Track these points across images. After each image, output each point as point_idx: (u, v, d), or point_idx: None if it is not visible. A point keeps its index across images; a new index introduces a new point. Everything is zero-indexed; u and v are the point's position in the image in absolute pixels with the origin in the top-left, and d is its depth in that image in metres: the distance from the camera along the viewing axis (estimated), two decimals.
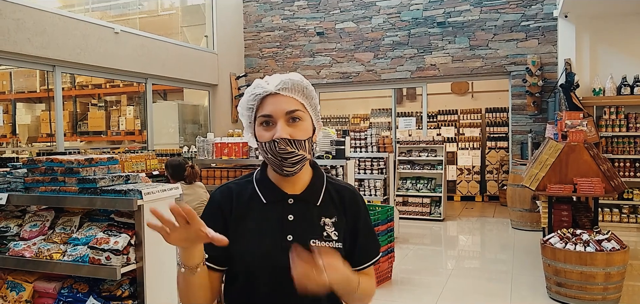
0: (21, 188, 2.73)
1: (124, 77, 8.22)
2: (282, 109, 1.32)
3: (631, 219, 7.61)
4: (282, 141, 1.31)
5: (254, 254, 1.36)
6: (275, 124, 1.32)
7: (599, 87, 7.78)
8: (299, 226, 1.39)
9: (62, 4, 8.48)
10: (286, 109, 1.32)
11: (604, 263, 4.21)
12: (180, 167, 4.95)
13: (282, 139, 1.30)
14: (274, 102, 1.33)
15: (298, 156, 1.33)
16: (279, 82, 1.34)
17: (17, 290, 2.71)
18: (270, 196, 1.41)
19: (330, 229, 1.41)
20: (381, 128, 12.36)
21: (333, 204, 1.46)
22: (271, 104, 1.33)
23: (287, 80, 1.35)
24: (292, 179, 1.41)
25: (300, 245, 1.28)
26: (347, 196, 1.48)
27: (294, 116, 1.33)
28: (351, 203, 1.48)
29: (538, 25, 8.66)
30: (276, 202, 1.41)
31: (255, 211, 1.41)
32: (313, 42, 10.30)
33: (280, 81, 1.34)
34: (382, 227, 5.23)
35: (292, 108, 1.33)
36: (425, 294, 5.09)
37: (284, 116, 1.32)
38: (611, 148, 7.69)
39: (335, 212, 1.45)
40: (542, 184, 5.09)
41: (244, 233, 1.39)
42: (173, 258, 2.76)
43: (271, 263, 1.35)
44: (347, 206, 1.47)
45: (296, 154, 1.33)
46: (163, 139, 9.10)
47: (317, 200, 1.44)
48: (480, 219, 9.12)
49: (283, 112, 1.32)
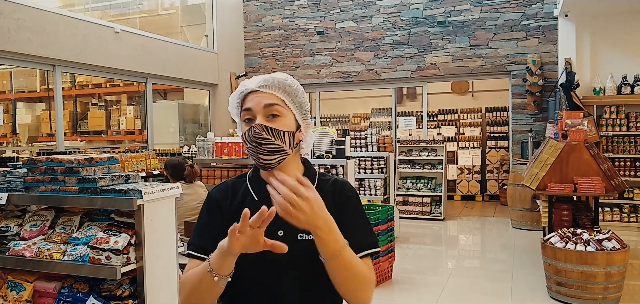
0: (21, 188, 2.73)
1: (124, 77, 8.22)
2: (261, 103, 1.37)
3: (632, 218, 7.61)
4: (258, 126, 1.35)
5: None
6: (255, 118, 1.37)
7: (599, 86, 7.77)
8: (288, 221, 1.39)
9: (63, 3, 8.48)
10: (264, 102, 1.37)
11: (605, 263, 4.21)
12: (179, 167, 4.94)
13: (258, 124, 1.35)
14: (254, 98, 1.39)
15: (275, 145, 1.36)
16: (260, 81, 1.40)
17: (17, 290, 2.71)
18: (261, 192, 1.42)
19: None
20: (381, 128, 12.36)
21: (325, 200, 1.46)
22: (251, 100, 1.39)
23: (268, 78, 1.40)
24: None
25: (291, 240, 1.30)
26: (336, 189, 1.48)
27: (273, 111, 1.38)
28: (339, 194, 1.47)
29: (538, 24, 8.66)
30: (267, 199, 1.38)
31: (247, 207, 1.40)
32: (313, 42, 10.30)
33: (261, 78, 1.40)
34: (382, 226, 5.23)
35: (270, 102, 1.38)
36: (426, 293, 5.09)
37: (262, 109, 1.37)
38: (611, 147, 7.69)
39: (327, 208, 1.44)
40: (542, 184, 5.09)
41: None
42: (173, 258, 2.76)
43: (260, 258, 1.33)
44: (336, 197, 1.47)
45: (272, 143, 1.36)
46: (163, 138, 9.10)
47: None
48: (481, 219, 9.12)
49: (261, 106, 1.37)
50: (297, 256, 1.37)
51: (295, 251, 1.35)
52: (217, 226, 1.42)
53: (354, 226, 1.45)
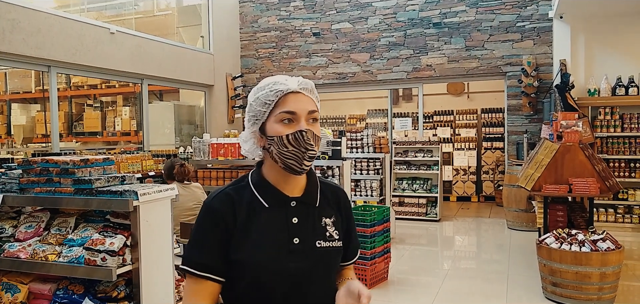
0: (16, 189, 2.71)
1: (120, 78, 8.19)
2: (305, 108, 1.34)
3: (626, 219, 7.64)
4: (310, 132, 1.32)
5: (261, 260, 1.33)
6: (298, 122, 1.33)
7: (594, 87, 7.81)
8: (304, 228, 1.39)
9: (58, 4, 8.45)
10: (308, 109, 1.35)
11: (599, 263, 4.23)
12: (170, 167, 4.99)
13: (309, 130, 1.32)
14: (297, 100, 1.34)
15: (314, 151, 1.35)
16: (300, 82, 1.36)
17: (12, 292, 2.69)
18: (271, 199, 1.39)
19: (332, 229, 1.43)
20: (377, 129, 12.37)
21: (329, 204, 1.48)
22: (295, 101, 1.34)
23: (305, 81, 1.38)
24: (292, 181, 1.40)
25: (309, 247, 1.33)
26: (341, 196, 1.53)
27: (314, 117, 1.37)
28: (345, 202, 1.53)
29: (533, 26, 8.69)
30: (279, 206, 1.39)
31: (257, 216, 1.38)
32: (309, 43, 10.30)
33: (301, 80, 1.37)
34: (378, 227, 5.23)
35: (313, 108, 1.36)
36: (421, 294, 5.10)
37: (306, 114, 1.34)
38: (606, 148, 7.72)
39: (332, 212, 1.47)
40: (537, 185, 5.11)
41: (249, 239, 1.35)
42: (169, 259, 2.75)
43: (280, 268, 1.33)
44: (342, 205, 1.52)
45: (314, 149, 1.35)
46: (159, 139, 9.08)
47: (316, 201, 1.45)
48: (476, 220, 9.14)
49: (306, 111, 1.34)
50: (317, 263, 1.38)
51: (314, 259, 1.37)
52: (221, 242, 1.35)
53: (352, 231, 1.55)
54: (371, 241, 5.09)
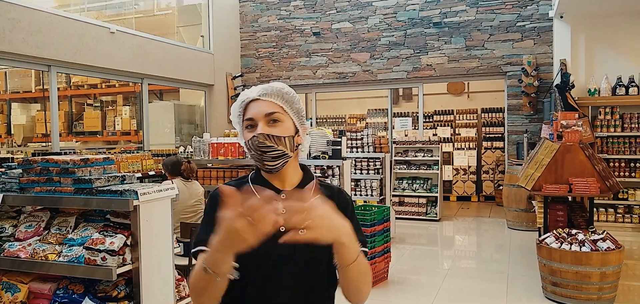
0: (16, 188, 2.71)
1: (120, 77, 8.19)
2: (262, 112, 1.45)
3: (626, 219, 7.64)
4: (260, 135, 1.43)
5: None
6: (257, 126, 1.45)
7: (594, 87, 7.80)
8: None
9: (58, 3, 8.45)
10: (265, 111, 1.45)
11: (600, 263, 4.23)
12: (177, 164, 4.97)
13: (260, 134, 1.43)
14: (255, 106, 1.47)
15: (277, 150, 1.44)
16: (260, 90, 1.49)
17: (12, 291, 2.69)
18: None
19: None
20: (377, 128, 12.37)
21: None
22: (253, 108, 1.47)
23: (268, 87, 1.49)
24: (282, 178, 1.50)
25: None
26: (335, 194, 1.55)
27: (273, 118, 1.46)
28: (338, 198, 1.53)
29: (534, 25, 8.69)
30: None
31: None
32: (309, 43, 10.30)
33: (262, 88, 1.49)
34: (378, 227, 5.24)
35: (271, 110, 1.46)
36: (422, 294, 5.10)
37: (263, 117, 1.45)
38: (606, 148, 7.72)
39: None
40: (537, 184, 5.11)
41: None
42: (169, 259, 2.75)
43: (263, 253, 1.34)
44: (337, 202, 1.50)
45: (275, 149, 1.43)
46: (159, 139, 9.08)
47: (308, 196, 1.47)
48: (476, 219, 9.14)
49: (263, 114, 1.45)
50: (299, 250, 1.41)
51: (297, 247, 1.37)
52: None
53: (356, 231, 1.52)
54: (371, 240, 5.09)
